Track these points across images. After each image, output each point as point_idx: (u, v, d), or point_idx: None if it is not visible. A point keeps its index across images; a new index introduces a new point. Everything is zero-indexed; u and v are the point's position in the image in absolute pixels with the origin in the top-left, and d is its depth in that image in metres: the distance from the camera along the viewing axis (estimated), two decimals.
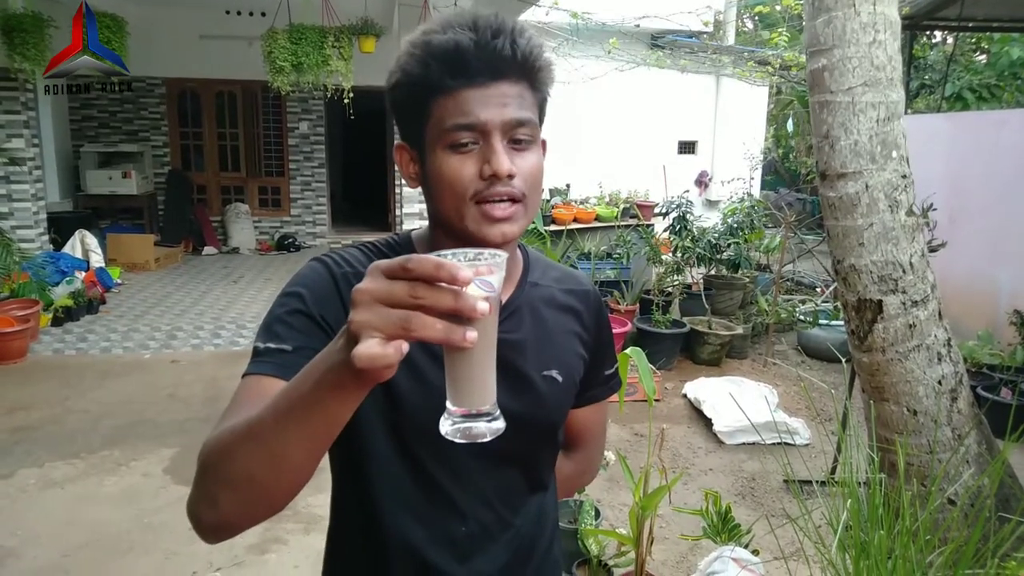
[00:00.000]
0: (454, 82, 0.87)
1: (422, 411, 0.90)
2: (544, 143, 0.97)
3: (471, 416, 0.67)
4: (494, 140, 0.87)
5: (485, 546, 1.01)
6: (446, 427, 0.68)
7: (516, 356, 0.99)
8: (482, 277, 0.62)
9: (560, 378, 1.04)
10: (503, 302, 1.00)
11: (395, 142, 0.98)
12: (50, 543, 3.30)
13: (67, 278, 6.61)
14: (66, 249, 7.41)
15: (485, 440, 0.68)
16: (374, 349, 0.58)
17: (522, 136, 0.90)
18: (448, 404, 0.68)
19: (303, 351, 0.86)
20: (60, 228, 7.68)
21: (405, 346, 0.59)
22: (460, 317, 0.59)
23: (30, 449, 4.23)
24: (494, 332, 0.67)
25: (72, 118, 9.50)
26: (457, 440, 0.68)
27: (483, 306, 0.59)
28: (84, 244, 7.57)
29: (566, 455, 1.24)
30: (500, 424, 0.69)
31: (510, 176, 0.88)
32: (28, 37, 6.16)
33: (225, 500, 0.76)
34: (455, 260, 0.60)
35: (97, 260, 7.57)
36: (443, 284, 0.58)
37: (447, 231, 0.94)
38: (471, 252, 0.66)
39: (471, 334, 0.59)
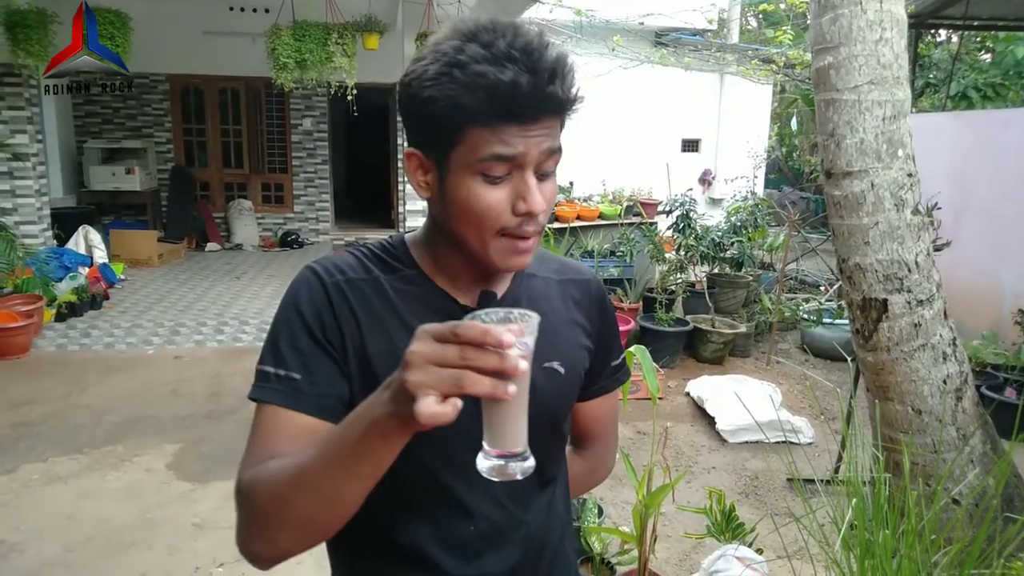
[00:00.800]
0: (502, 121, 0.84)
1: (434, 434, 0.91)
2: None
3: (505, 456, 0.75)
4: (528, 176, 0.87)
5: (495, 545, 1.01)
6: (482, 465, 0.76)
7: None
8: (520, 339, 0.70)
9: (562, 370, 1.04)
10: (499, 296, 1.01)
11: (405, 148, 0.95)
12: (53, 538, 3.31)
13: (71, 274, 6.61)
14: (70, 245, 7.42)
15: (517, 478, 0.76)
16: (434, 408, 0.65)
17: (551, 165, 0.90)
18: (485, 445, 0.76)
19: (310, 377, 0.92)
20: (64, 224, 7.67)
21: (460, 403, 0.66)
22: (503, 375, 0.67)
23: (33, 444, 4.24)
24: (527, 383, 0.75)
25: (76, 114, 9.49)
26: (493, 478, 0.76)
27: (524, 365, 0.68)
28: (88, 240, 7.57)
29: (577, 452, 1.23)
30: (531, 464, 0.77)
31: (541, 212, 0.89)
32: (32, 33, 6.15)
33: (284, 539, 0.84)
34: (489, 320, 0.72)
35: (100, 256, 7.57)
36: (489, 347, 0.66)
37: (455, 246, 0.94)
38: (501, 312, 0.75)
39: (512, 388, 0.67)
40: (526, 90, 0.82)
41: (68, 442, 4.26)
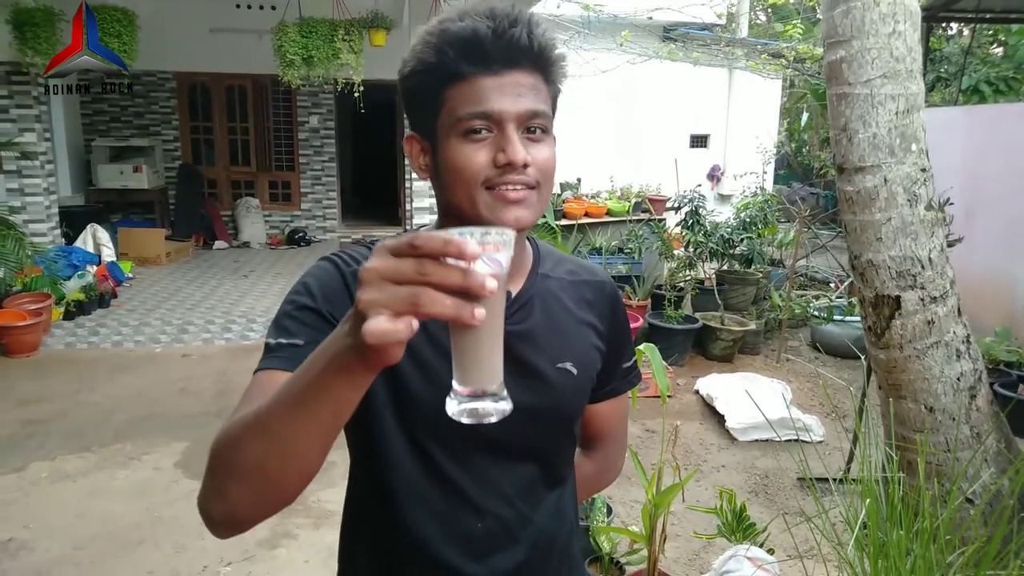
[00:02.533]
0: (470, 69, 0.87)
1: (433, 409, 0.88)
2: (554, 138, 0.97)
3: (477, 396, 0.67)
4: (509, 130, 0.87)
5: (503, 543, 1.00)
6: (452, 407, 0.67)
7: (528, 348, 0.98)
8: (490, 254, 0.61)
9: (575, 370, 1.03)
10: (513, 295, 1.00)
11: (406, 133, 0.97)
12: (62, 535, 3.31)
13: (79, 272, 6.63)
14: (78, 243, 7.44)
15: (492, 420, 0.67)
16: (384, 325, 0.57)
17: (536, 126, 0.90)
18: (454, 383, 0.67)
19: (313, 345, 0.85)
20: (72, 222, 7.70)
21: (415, 322, 0.58)
22: (468, 294, 0.58)
23: (42, 442, 4.24)
24: (501, 312, 0.67)
25: (84, 112, 9.52)
26: (464, 421, 0.67)
27: (492, 283, 0.58)
28: (96, 238, 7.59)
29: (586, 454, 1.22)
30: (507, 405, 0.68)
31: (525, 165, 0.87)
32: (39, 31, 6.16)
33: (235, 492, 0.76)
34: (462, 237, 0.60)
35: (108, 254, 7.59)
36: (451, 261, 0.58)
37: (458, 221, 0.92)
38: (478, 230, 0.64)
39: (479, 311, 0.59)
40: (485, 34, 0.85)
41: (76, 440, 4.27)
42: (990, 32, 11.39)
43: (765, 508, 3.68)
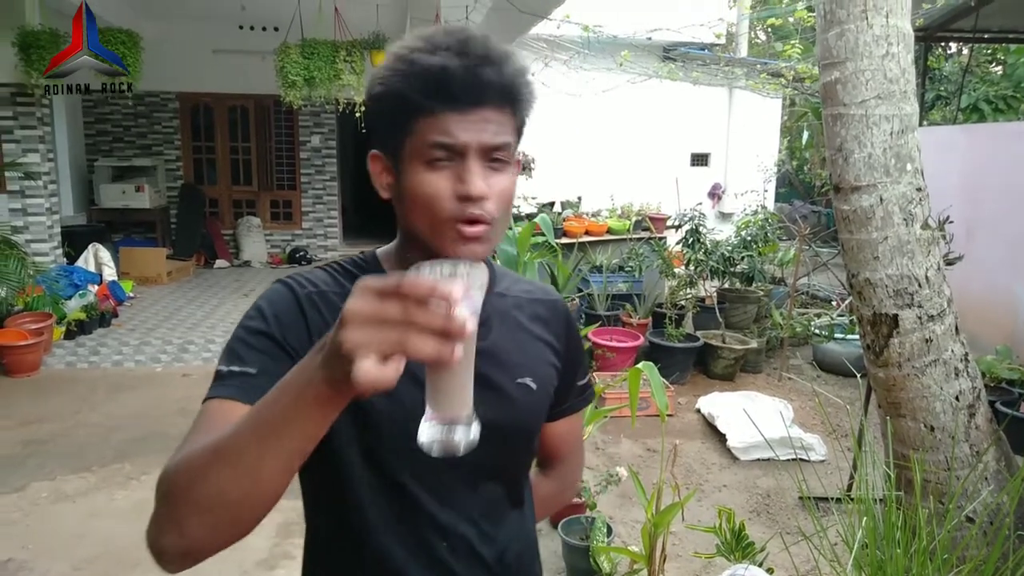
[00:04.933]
0: (439, 105, 0.87)
1: (398, 430, 0.90)
2: (518, 161, 0.99)
3: (448, 422, 0.69)
4: (470, 161, 0.88)
5: (467, 562, 1.00)
6: (425, 436, 0.69)
7: (489, 365, 0.98)
8: (467, 296, 0.64)
9: (534, 386, 1.04)
10: None
11: (371, 151, 0.98)
12: (61, 556, 3.30)
13: (80, 291, 6.65)
14: (79, 263, 7.46)
15: (459, 453, 0.70)
16: (374, 371, 0.59)
17: (499, 157, 0.91)
18: (429, 410, 0.70)
19: (266, 374, 0.86)
20: (74, 242, 7.72)
21: (402, 364, 0.60)
22: (449, 335, 0.60)
23: (42, 462, 4.24)
24: (474, 343, 0.69)
25: (87, 132, 9.59)
26: (433, 453, 0.69)
27: (471, 324, 0.61)
28: (97, 258, 7.61)
29: (544, 474, 1.23)
30: (475, 436, 0.71)
31: (483, 198, 0.89)
32: (44, 53, 6.21)
33: (193, 524, 0.74)
34: (433, 273, 0.64)
35: (110, 274, 7.61)
36: (435, 304, 0.60)
37: (418, 246, 0.95)
38: (447, 264, 0.68)
39: (459, 350, 0.61)
40: (455, 73, 0.85)
41: (76, 460, 4.26)
42: (989, 51, 11.47)
43: (767, 528, 3.66)
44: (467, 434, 0.70)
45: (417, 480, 0.96)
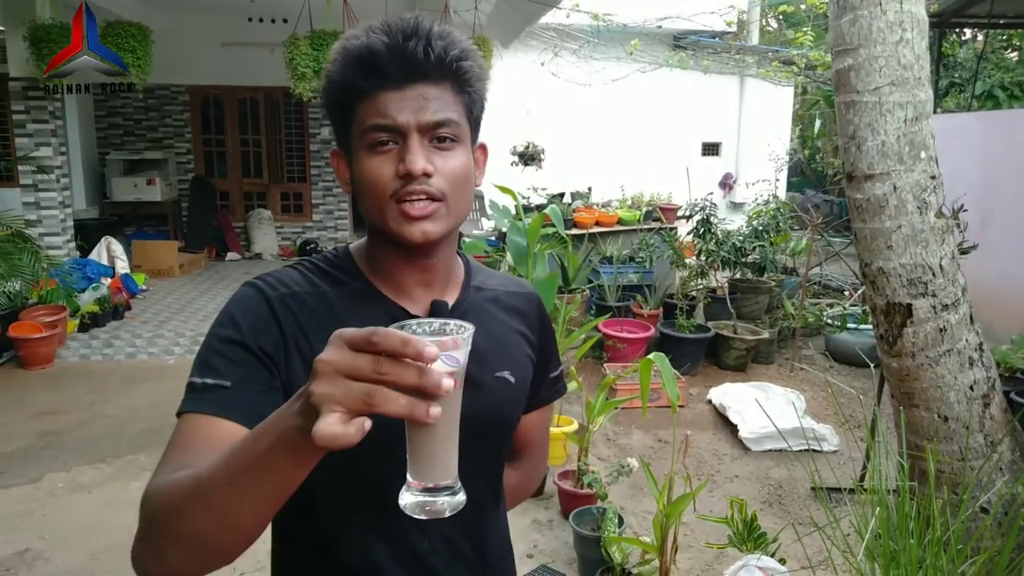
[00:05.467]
0: (369, 84, 0.88)
1: (374, 428, 0.87)
2: (484, 147, 1.00)
3: (431, 491, 0.66)
4: (411, 140, 0.88)
5: (449, 559, 1.00)
6: (406, 500, 0.67)
7: (468, 359, 0.96)
8: (448, 352, 0.61)
9: (513, 379, 1.04)
10: (450, 305, 1.00)
11: (332, 149, 0.99)
12: (77, 546, 3.34)
13: (93, 284, 6.69)
14: (92, 256, 7.51)
15: (445, 515, 0.67)
16: (335, 428, 0.57)
17: (444, 135, 0.90)
18: (408, 477, 0.67)
19: (242, 386, 0.85)
20: (86, 235, 7.77)
21: (368, 423, 0.58)
22: (424, 393, 0.58)
23: (58, 453, 4.28)
24: (458, 405, 0.66)
25: (98, 126, 9.63)
26: (417, 516, 0.67)
27: (448, 383, 0.58)
28: (110, 251, 7.66)
29: (511, 465, 1.21)
30: (461, 498, 0.68)
31: (426, 175, 0.88)
32: (55, 47, 6.22)
33: (174, 556, 0.74)
34: (420, 330, 0.62)
35: (122, 266, 7.66)
36: (408, 360, 0.58)
37: (376, 233, 0.95)
38: (436, 322, 0.65)
39: (435, 410, 0.59)
40: (379, 51, 0.87)
41: (92, 451, 4.30)
42: (1004, 37, 11.33)
43: (779, 518, 3.65)
44: (452, 499, 0.67)
45: (393, 477, 0.93)
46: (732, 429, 4.70)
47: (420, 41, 0.88)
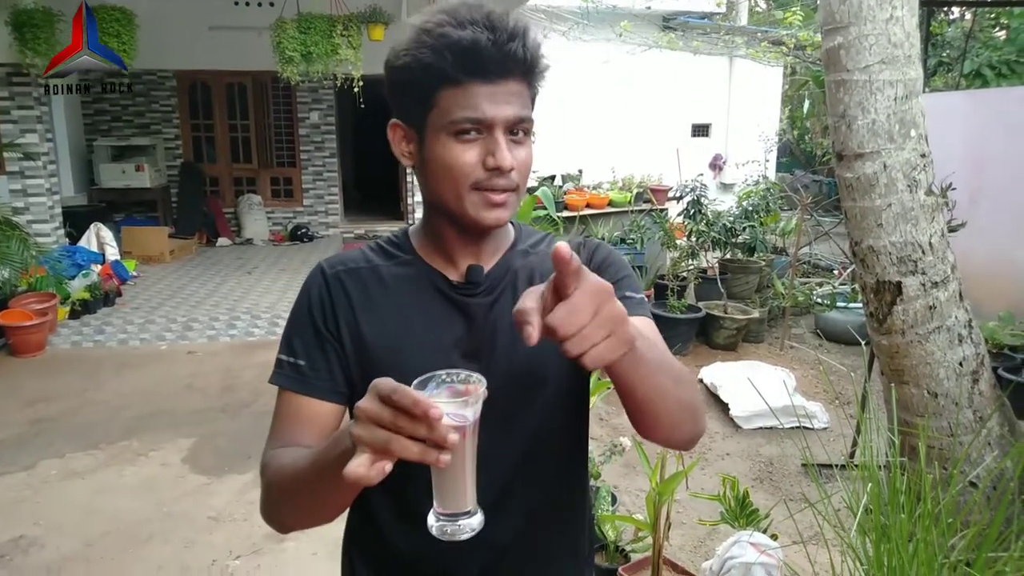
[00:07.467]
0: (467, 77, 0.91)
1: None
2: (532, 135, 1.03)
3: (450, 516, 0.78)
4: (497, 134, 0.93)
5: (490, 550, 1.04)
6: (431, 522, 0.79)
7: (509, 324, 0.95)
8: (456, 411, 0.72)
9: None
10: (485, 271, 1.04)
11: (391, 120, 1.00)
12: (72, 532, 3.34)
13: (83, 271, 6.65)
14: (82, 243, 7.46)
15: (464, 538, 0.79)
16: (360, 470, 0.69)
17: (520, 129, 0.95)
18: (435, 504, 0.79)
19: (316, 364, 1.01)
20: (75, 222, 7.71)
21: (388, 467, 0.70)
22: (433, 444, 0.69)
23: (51, 440, 4.27)
24: (472, 448, 0.77)
25: (85, 112, 9.53)
26: (442, 538, 0.79)
27: (454, 437, 0.68)
28: (99, 237, 7.61)
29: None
30: (479, 519, 0.79)
31: (512, 170, 0.94)
32: (39, 32, 6.16)
33: (289, 519, 0.97)
34: (449, 380, 0.75)
35: (112, 253, 7.61)
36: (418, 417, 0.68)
37: (444, 214, 0.99)
38: (463, 374, 0.77)
39: (444, 458, 0.69)
40: (485, 46, 0.89)
41: (84, 438, 4.30)
42: (992, 16, 11.32)
43: (770, 495, 3.69)
44: (469, 525, 0.79)
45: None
46: (723, 408, 4.73)
47: (520, 41, 0.92)
